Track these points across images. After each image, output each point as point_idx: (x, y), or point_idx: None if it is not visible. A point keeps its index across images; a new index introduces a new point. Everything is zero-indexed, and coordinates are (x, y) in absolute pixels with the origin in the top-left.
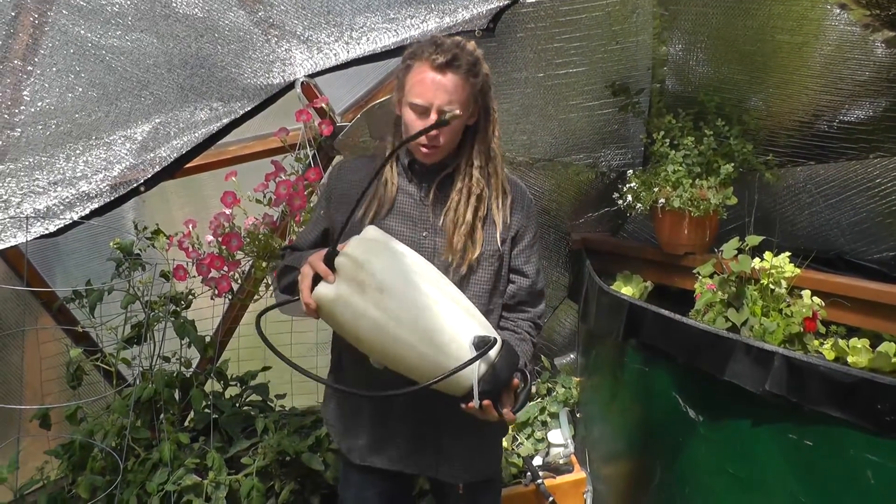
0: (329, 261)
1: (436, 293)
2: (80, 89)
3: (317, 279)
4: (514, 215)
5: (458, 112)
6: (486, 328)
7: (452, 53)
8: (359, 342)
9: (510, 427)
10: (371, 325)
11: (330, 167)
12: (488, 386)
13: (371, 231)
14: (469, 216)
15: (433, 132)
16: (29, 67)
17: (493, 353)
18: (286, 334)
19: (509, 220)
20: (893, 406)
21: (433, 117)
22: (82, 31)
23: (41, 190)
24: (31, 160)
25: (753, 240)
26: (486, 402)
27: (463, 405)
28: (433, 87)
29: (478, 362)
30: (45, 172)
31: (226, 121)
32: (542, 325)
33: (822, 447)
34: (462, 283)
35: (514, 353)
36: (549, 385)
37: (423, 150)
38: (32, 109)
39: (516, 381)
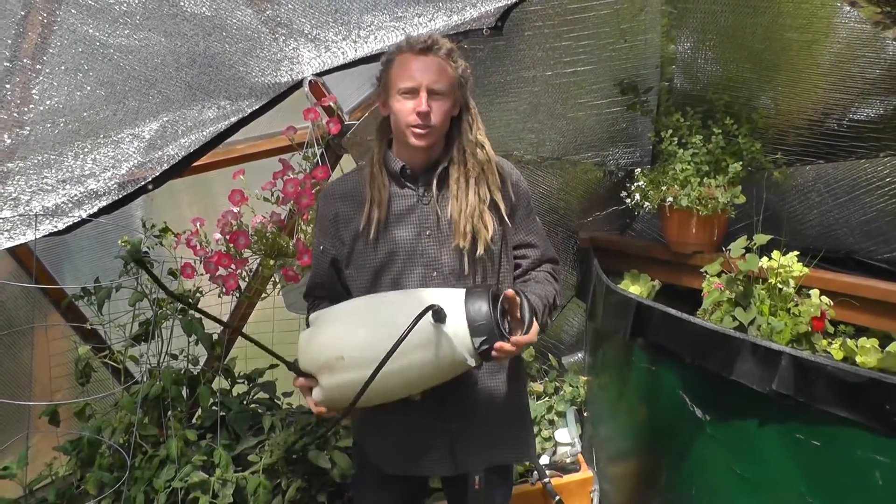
0: (298, 371)
1: (375, 315)
2: (89, 88)
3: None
4: (509, 189)
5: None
6: (442, 295)
7: (431, 39)
8: (377, 400)
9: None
10: (369, 381)
11: (320, 192)
12: (480, 335)
13: (302, 335)
14: (472, 198)
15: (424, 108)
16: (38, 66)
17: (455, 304)
18: (294, 332)
19: (512, 196)
20: None
21: (423, 96)
22: (91, 30)
23: (50, 188)
24: (39, 158)
25: (761, 239)
26: (497, 344)
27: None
28: (419, 68)
29: (454, 326)
30: (53, 170)
31: (234, 119)
32: (557, 272)
33: (829, 447)
34: (478, 267)
35: (478, 291)
36: (557, 384)
37: (416, 131)
38: (41, 108)
39: (514, 305)
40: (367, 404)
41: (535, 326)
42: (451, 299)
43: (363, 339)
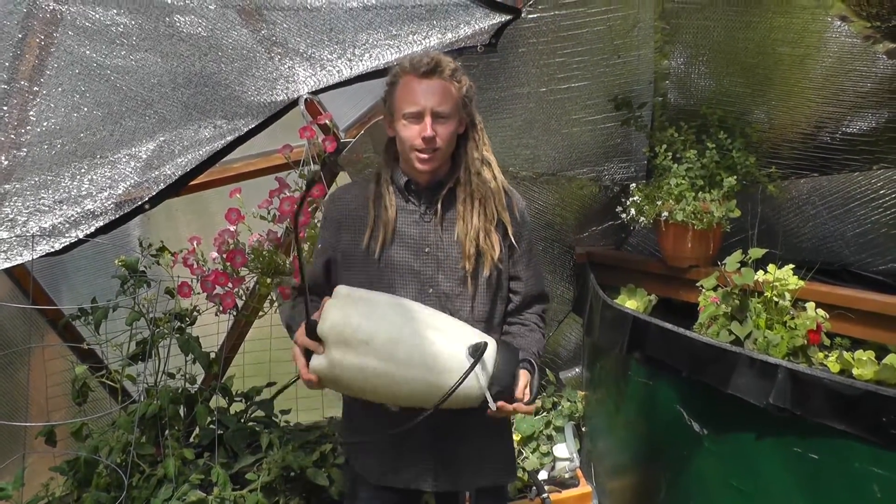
0: (311, 332)
1: (419, 321)
2: (86, 109)
3: (309, 353)
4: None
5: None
6: (478, 336)
7: (435, 61)
8: (367, 394)
9: (515, 437)
10: (373, 375)
11: (328, 194)
12: (498, 386)
13: (341, 289)
14: (478, 221)
15: (429, 133)
16: (35, 88)
17: (490, 355)
18: (289, 350)
19: (519, 217)
20: None
21: (428, 121)
22: (87, 52)
23: (47, 208)
24: (36, 179)
25: (757, 252)
26: (499, 403)
27: (484, 411)
28: (423, 92)
29: (478, 367)
30: (50, 191)
31: (230, 138)
32: (546, 318)
33: (827, 460)
34: (480, 288)
35: (511, 348)
36: (555, 399)
37: (421, 156)
38: (38, 129)
39: (526, 373)
40: (355, 393)
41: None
42: (487, 342)
43: (400, 341)
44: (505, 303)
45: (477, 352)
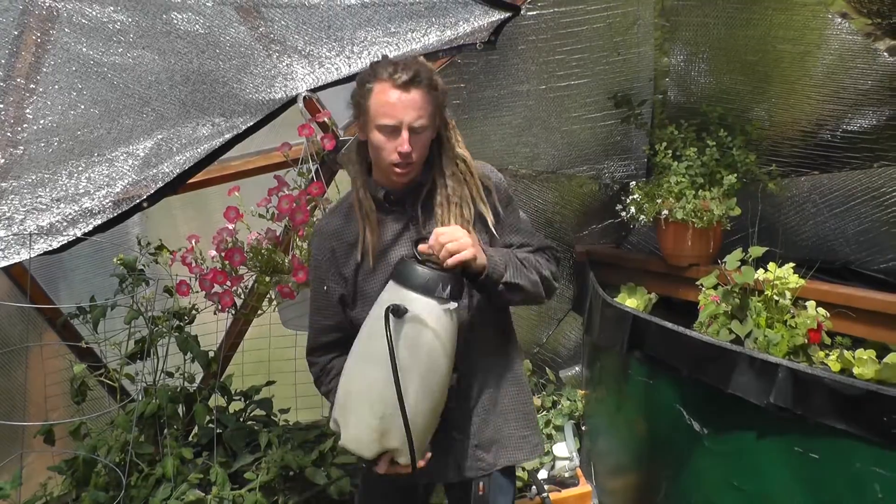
0: (373, 463)
1: (371, 354)
2: (83, 106)
3: None
4: (495, 197)
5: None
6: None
7: (413, 70)
8: (434, 412)
9: None
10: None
11: (314, 228)
12: (432, 289)
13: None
14: (456, 223)
15: (406, 148)
16: (31, 85)
17: (398, 292)
18: (291, 349)
19: (498, 205)
20: None
21: (405, 136)
22: (84, 49)
23: (44, 207)
24: (33, 177)
25: (757, 251)
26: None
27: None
28: (401, 105)
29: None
30: (47, 189)
31: (228, 136)
32: (551, 256)
33: (828, 460)
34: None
35: (400, 263)
36: (555, 398)
37: (397, 170)
38: (35, 127)
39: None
40: (427, 431)
41: (465, 238)
42: (392, 292)
43: (377, 387)
44: None
45: (392, 312)
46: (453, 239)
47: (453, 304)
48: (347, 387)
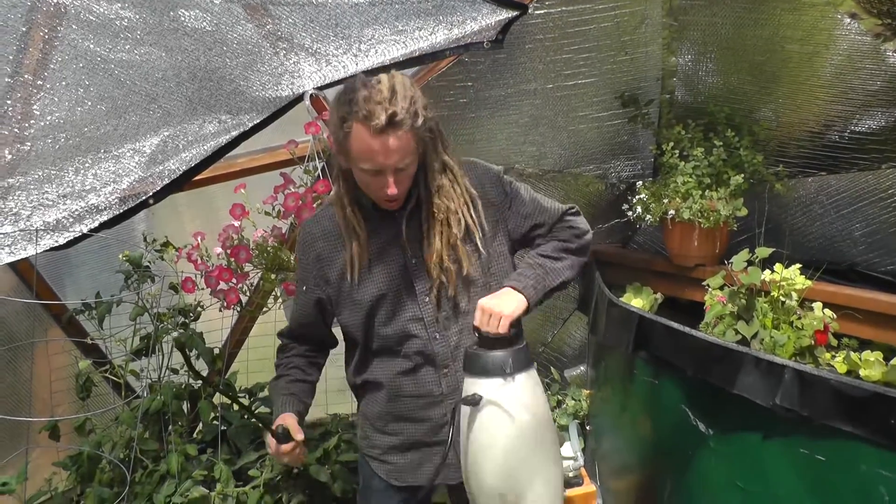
0: (278, 438)
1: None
2: (90, 103)
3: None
4: (489, 198)
5: (479, 395)
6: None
7: (389, 113)
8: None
9: None
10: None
11: (299, 235)
12: (495, 369)
13: None
14: (438, 243)
15: (392, 191)
16: (39, 82)
17: (476, 383)
18: None
19: (484, 221)
20: None
21: (390, 180)
22: (92, 46)
23: (51, 203)
24: (40, 173)
25: (764, 251)
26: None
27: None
28: (381, 152)
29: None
30: (54, 185)
31: (234, 133)
32: (576, 221)
33: (833, 462)
34: (461, 298)
35: (468, 355)
36: (559, 397)
37: (388, 203)
38: (42, 123)
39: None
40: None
41: (511, 298)
42: (468, 384)
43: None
44: (504, 276)
45: (470, 403)
46: (495, 305)
47: (522, 375)
48: (478, 485)
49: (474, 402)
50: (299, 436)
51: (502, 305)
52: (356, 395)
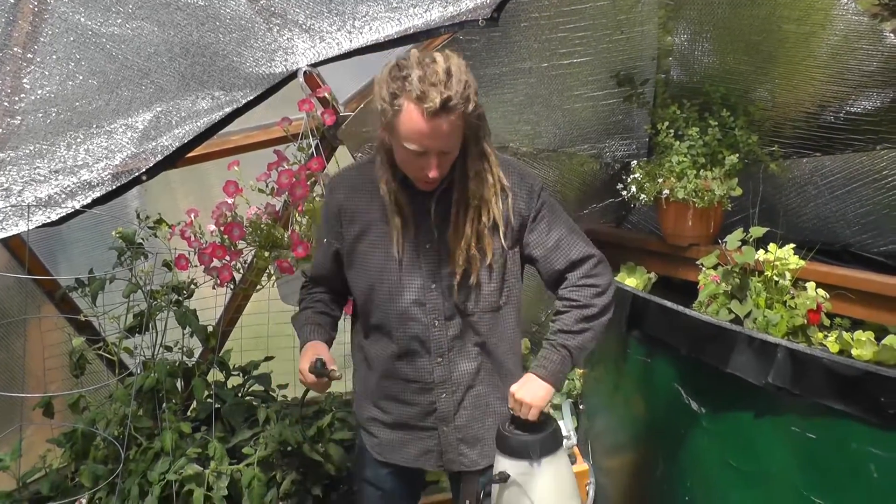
0: (316, 371)
1: None
2: (81, 77)
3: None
4: (517, 207)
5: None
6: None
7: (445, 96)
8: None
9: None
10: None
11: (327, 183)
12: (526, 451)
13: None
14: (468, 230)
15: (434, 174)
16: (29, 55)
17: (506, 463)
18: (289, 324)
19: (511, 215)
20: None
21: (433, 161)
22: (82, 19)
23: (42, 178)
24: (31, 148)
25: (758, 231)
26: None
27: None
28: (430, 135)
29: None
30: (45, 160)
31: (228, 110)
32: (598, 279)
33: (825, 440)
34: (474, 289)
35: (500, 439)
36: None
37: (425, 183)
38: (33, 97)
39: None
40: None
41: (538, 386)
42: (499, 462)
43: None
44: (516, 285)
45: (501, 480)
46: (526, 395)
47: (547, 459)
48: None
49: (503, 479)
50: (336, 373)
51: (534, 397)
52: (353, 362)
